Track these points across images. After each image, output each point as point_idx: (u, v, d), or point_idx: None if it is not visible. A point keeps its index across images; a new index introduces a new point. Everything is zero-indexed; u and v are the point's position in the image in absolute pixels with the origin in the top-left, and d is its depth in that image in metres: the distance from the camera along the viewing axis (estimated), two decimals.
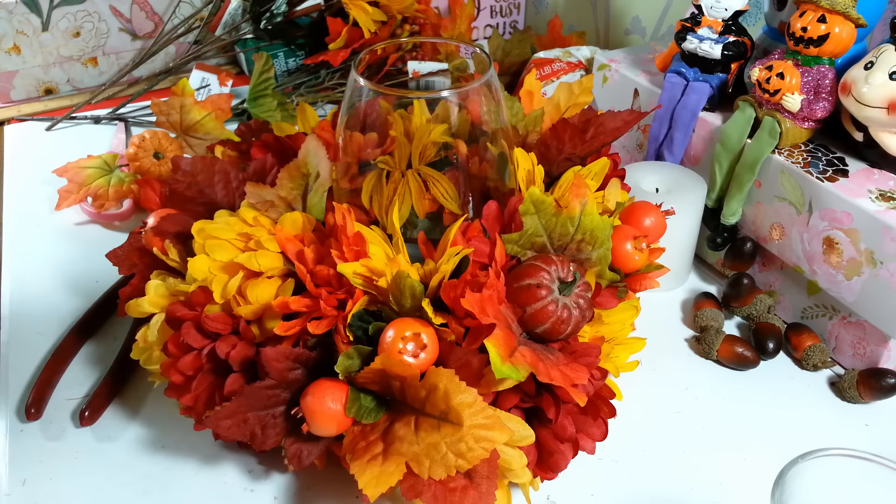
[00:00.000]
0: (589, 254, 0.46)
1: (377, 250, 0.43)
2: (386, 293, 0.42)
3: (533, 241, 0.45)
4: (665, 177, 0.62)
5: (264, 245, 0.45)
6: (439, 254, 0.44)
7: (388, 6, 0.87)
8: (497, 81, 0.47)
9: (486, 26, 1.05)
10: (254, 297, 0.44)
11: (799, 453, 0.37)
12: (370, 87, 0.44)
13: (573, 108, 0.57)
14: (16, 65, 0.93)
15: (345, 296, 0.43)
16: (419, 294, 0.42)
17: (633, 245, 0.49)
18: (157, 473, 0.48)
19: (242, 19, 0.92)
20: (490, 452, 0.38)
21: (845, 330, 0.56)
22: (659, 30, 0.90)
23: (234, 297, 0.44)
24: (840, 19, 0.52)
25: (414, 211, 0.47)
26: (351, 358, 0.41)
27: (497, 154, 0.47)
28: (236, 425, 0.42)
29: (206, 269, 0.45)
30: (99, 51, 0.98)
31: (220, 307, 0.45)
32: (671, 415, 0.53)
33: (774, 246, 0.59)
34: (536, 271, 0.42)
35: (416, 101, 0.45)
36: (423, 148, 0.45)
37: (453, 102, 0.45)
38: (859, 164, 0.55)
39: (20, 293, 0.63)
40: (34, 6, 0.91)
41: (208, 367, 0.44)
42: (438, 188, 0.46)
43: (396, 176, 0.46)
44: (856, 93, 0.51)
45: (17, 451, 0.49)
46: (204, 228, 0.46)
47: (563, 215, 0.45)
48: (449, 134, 0.45)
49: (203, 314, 0.44)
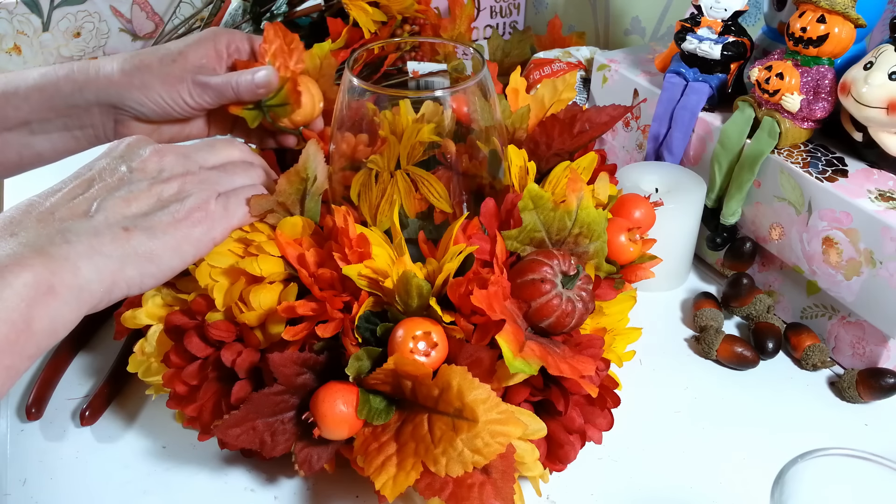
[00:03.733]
0: (586, 247, 0.47)
1: (380, 251, 0.43)
2: (392, 294, 0.42)
3: (532, 236, 0.46)
4: (665, 177, 0.62)
5: (265, 249, 0.45)
6: (441, 252, 0.44)
7: (388, 6, 0.87)
8: (490, 81, 0.47)
9: (486, 26, 1.05)
10: (257, 302, 0.43)
11: (798, 453, 0.37)
12: (363, 87, 0.44)
13: (557, 104, 0.58)
14: (16, 65, 0.94)
15: (350, 298, 0.43)
16: (426, 293, 0.42)
17: (628, 237, 0.50)
18: (158, 473, 0.48)
19: (243, 19, 0.92)
20: (506, 447, 0.38)
21: (845, 330, 0.56)
22: (658, 30, 0.90)
23: (236, 304, 0.44)
24: (839, 19, 0.52)
25: (404, 211, 0.47)
26: (361, 360, 0.41)
27: (489, 152, 0.48)
28: (245, 433, 0.41)
29: (207, 275, 0.45)
30: (99, 51, 0.98)
31: (222, 314, 0.44)
32: (671, 415, 0.53)
33: (774, 246, 0.59)
34: (539, 266, 0.43)
35: (402, 101, 0.45)
36: (411, 148, 0.45)
37: (442, 102, 0.45)
38: (859, 164, 0.55)
39: None
40: (35, 6, 0.91)
41: (213, 375, 0.44)
42: (428, 187, 0.46)
43: (385, 176, 0.46)
44: (855, 93, 0.51)
45: (17, 451, 0.49)
46: None
47: (561, 210, 0.46)
48: (437, 133, 0.45)
49: (205, 322, 0.44)
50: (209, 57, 0.54)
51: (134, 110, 0.53)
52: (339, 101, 0.47)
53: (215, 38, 0.55)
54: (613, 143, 0.74)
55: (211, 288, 0.44)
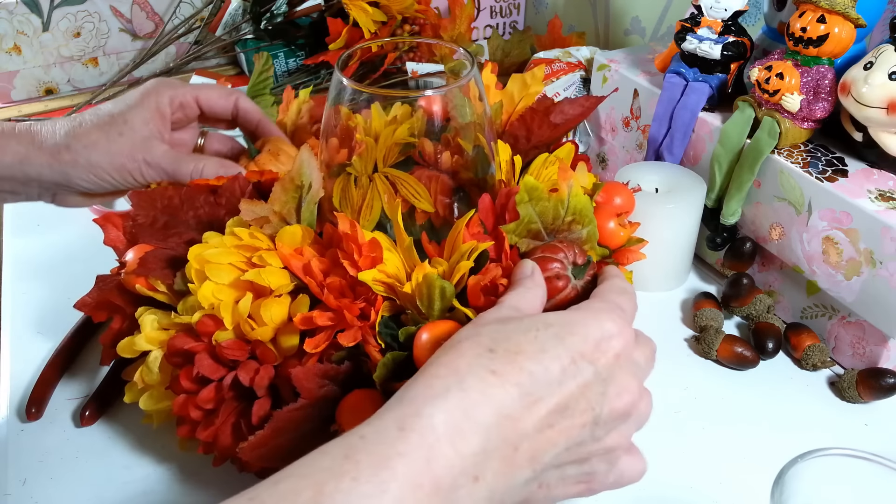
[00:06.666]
0: (580, 232, 0.47)
1: (390, 256, 0.43)
2: (409, 297, 0.42)
3: (528, 228, 0.46)
4: (665, 177, 0.62)
5: (267, 260, 0.44)
6: (448, 252, 0.44)
7: (388, 6, 0.87)
8: (480, 82, 0.46)
9: (486, 26, 1.05)
10: (269, 317, 0.42)
11: (798, 453, 0.37)
12: (353, 87, 0.44)
13: (527, 98, 0.58)
14: (16, 65, 0.94)
15: (365, 305, 0.42)
16: (450, 295, 0.42)
17: (617, 222, 0.51)
18: (158, 473, 0.48)
19: (243, 20, 0.92)
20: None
21: (845, 330, 0.56)
22: (658, 30, 0.90)
23: (246, 321, 0.42)
24: (839, 19, 0.52)
25: (385, 214, 0.46)
26: (387, 366, 0.41)
27: (475, 148, 0.48)
28: (269, 452, 0.40)
29: (211, 294, 0.43)
30: (99, 51, 0.98)
31: (232, 333, 0.43)
32: (671, 415, 0.53)
33: (774, 246, 0.59)
34: (548, 262, 0.43)
35: (374, 104, 0.44)
36: (387, 150, 0.45)
37: (414, 103, 0.45)
38: (859, 164, 0.55)
39: (21, 293, 0.63)
40: (35, 6, 0.91)
41: (229, 396, 0.43)
42: (407, 189, 0.46)
43: (364, 181, 0.46)
44: (855, 93, 0.51)
45: (17, 451, 0.49)
46: (201, 254, 0.44)
47: (554, 199, 0.46)
48: (411, 134, 0.45)
49: (215, 343, 0.43)
50: (154, 121, 0.52)
51: (79, 187, 0.51)
52: (328, 101, 0.46)
53: (157, 95, 0.52)
54: (613, 143, 0.74)
55: (217, 307, 0.43)
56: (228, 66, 1.05)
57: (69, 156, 0.50)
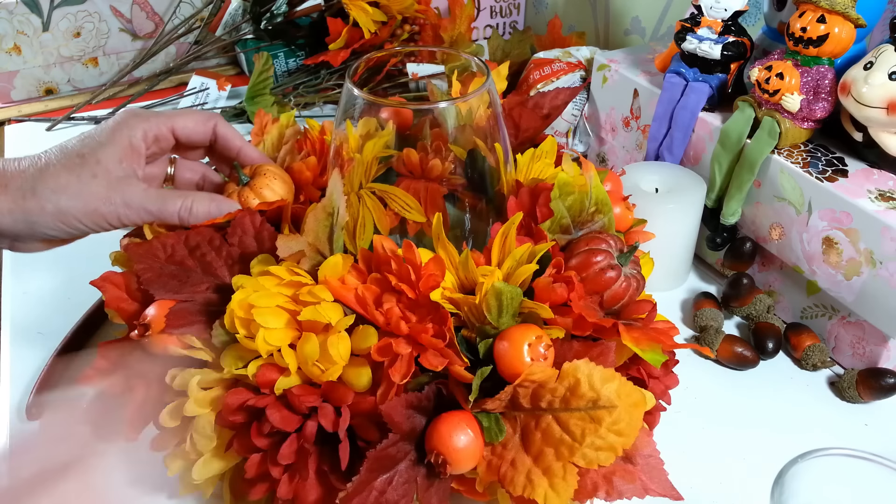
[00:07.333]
0: (602, 221, 0.48)
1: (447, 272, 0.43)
2: (477, 309, 0.41)
3: (560, 223, 0.47)
4: (665, 177, 0.62)
5: (320, 295, 0.41)
6: (502, 255, 0.43)
7: (388, 6, 0.87)
8: (495, 92, 0.46)
9: (486, 26, 1.05)
10: (337, 355, 0.39)
11: (798, 453, 0.37)
12: (364, 97, 0.43)
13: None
14: (16, 65, 0.94)
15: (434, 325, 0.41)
16: (518, 301, 0.41)
17: (623, 206, 0.52)
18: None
19: (243, 20, 0.92)
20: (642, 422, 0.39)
21: (845, 330, 0.56)
22: (659, 30, 0.90)
23: (315, 364, 0.40)
24: (839, 19, 0.52)
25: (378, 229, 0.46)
26: (479, 381, 0.40)
27: (489, 152, 0.48)
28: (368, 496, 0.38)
29: (264, 342, 0.40)
30: (99, 51, 0.98)
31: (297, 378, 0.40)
32: (671, 415, 0.53)
33: (774, 246, 0.59)
34: (595, 255, 0.44)
35: (347, 121, 0.44)
36: (367, 166, 0.44)
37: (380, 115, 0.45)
38: (859, 164, 0.55)
39: (21, 292, 0.63)
40: (35, 6, 0.91)
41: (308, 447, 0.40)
42: (396, 201, 0.46)
43: (353, 199, 0.45)
44: (855, 93, 0.51)
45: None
46: (245, 300, 0.40)
47: (578, 192, 0.47)
48: (387, 146, 0.45)
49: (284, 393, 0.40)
50: (128, 159, 0.47)
51: (43, 235, 0.46)
52: (338, 111, 0.45)
53: (129, 129, 0.47)
54: (613, 143, 0.74)
55: (276, 353, 0.40)
56: (228, 66, 1.05)
57: (35, 202, 0.44)
